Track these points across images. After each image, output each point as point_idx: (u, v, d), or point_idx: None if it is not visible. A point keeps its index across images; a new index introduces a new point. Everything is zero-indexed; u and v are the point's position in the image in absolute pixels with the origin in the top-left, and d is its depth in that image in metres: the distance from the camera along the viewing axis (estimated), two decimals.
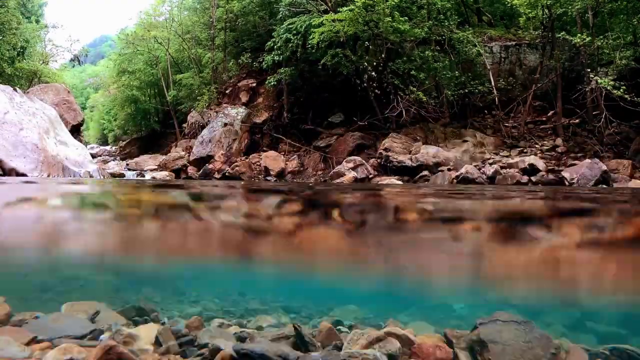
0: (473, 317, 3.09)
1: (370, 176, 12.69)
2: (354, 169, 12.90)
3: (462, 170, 11.49)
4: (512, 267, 4.16)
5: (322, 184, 11.68)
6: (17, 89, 12.80)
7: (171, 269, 5.13)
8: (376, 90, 14.06)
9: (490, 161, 12.39)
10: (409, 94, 13.41)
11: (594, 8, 12.08)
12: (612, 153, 11.78)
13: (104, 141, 37.82)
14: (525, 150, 12.76)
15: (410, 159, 12.64)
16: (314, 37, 13.80)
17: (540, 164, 11.20)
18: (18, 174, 9.67)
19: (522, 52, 15.24)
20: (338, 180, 12.34)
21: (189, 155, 17.43)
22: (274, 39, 15.85)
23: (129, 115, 28.77)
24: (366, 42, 14.52)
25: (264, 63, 16.50)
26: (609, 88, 10.74)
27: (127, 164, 19.32)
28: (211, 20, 20.68)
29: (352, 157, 13.48)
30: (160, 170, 16.69)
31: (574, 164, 10.98)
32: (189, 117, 20.07)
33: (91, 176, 11.68)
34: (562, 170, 10.85)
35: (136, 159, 20.22)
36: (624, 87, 10.58)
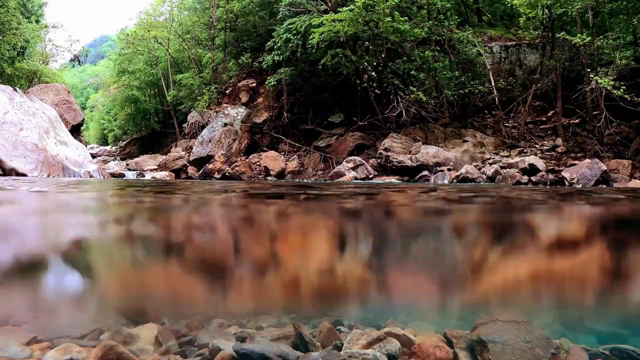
0: (473, 317, 3.08)
1: (370, 176, 12.68)
2: (354, 169, 12.90)
3: (462, 170, 11.50)
4: None
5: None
6: (17, 89, 12.80)
7: None
8: (376, 90, 14.06)
9: (490, 161, 12.40)
10: (409, 94, 13.42)
11: (594, 8, 12.08)
12: (612, 153, 11.79)
13: (104, 141, 37.81)
14: (525, 150, 12.77)
15: (410, 159, 12.65)
16: (314, 37, 13.80)
17: (540, 164, 11.20)
18: (18, 174, 9.67)
19: (522, 52, 15.24)
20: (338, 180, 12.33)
21: (189, 155, 17.43)
22: (274, 39, 15.85)
23: (129, 115, 28.76)
24: (366, 42, 14.52)
25: (264, 63, 16.51)
26: (608, 88, 10.75)
27: (127, 164, 19.31)
28: (211, 20, 20.68)
29: (352, 157, 13.49)
30: (160, 170, 16.68)
31: (574, 164, 10.98)
32: (189, 117, 20.07)
33: (91, 176, 11.68)
34: (562, 170, 10.86)
35: (136, 159, 20.21)
36: (624, 87, 10.59)
